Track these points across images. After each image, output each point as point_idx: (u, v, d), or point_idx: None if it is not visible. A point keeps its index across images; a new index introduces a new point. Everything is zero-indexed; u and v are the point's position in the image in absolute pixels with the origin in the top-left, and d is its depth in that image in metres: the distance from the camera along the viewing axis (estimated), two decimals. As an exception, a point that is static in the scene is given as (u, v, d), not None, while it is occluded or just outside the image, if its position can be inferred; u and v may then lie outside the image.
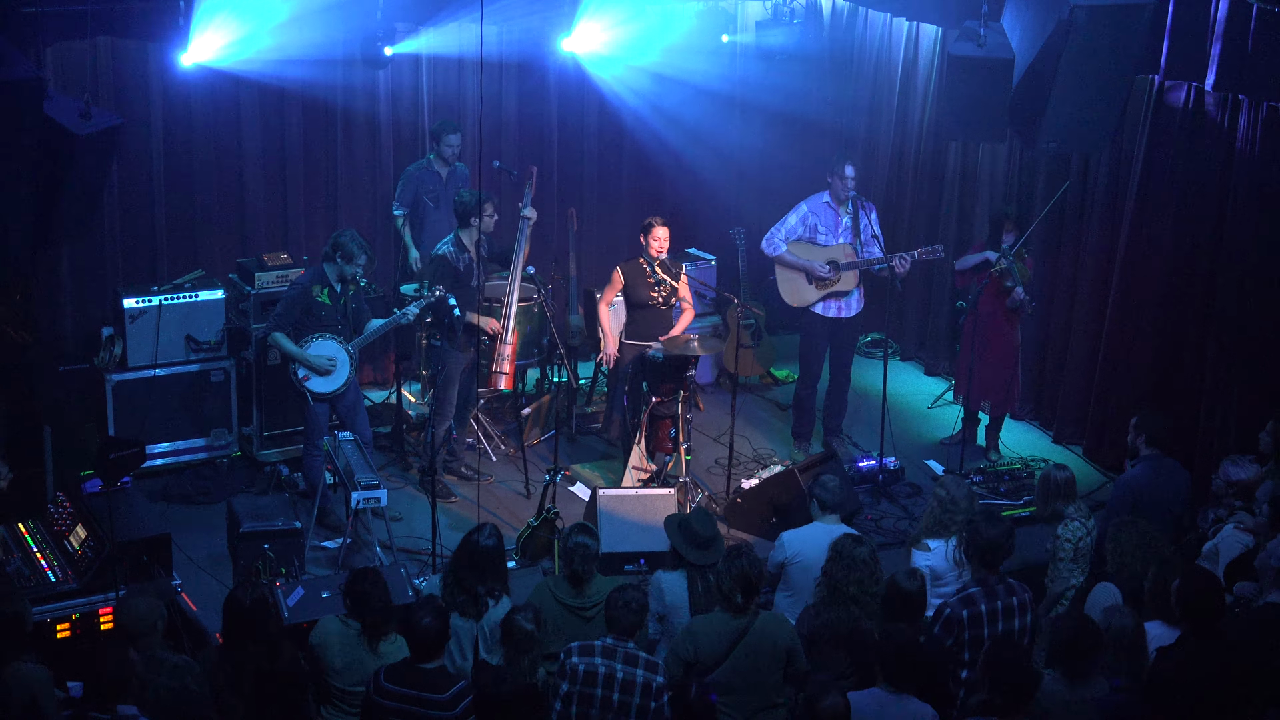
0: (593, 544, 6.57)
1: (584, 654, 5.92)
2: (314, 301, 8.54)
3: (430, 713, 5.62)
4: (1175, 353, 9.12)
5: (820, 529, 7.12)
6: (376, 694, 5.72)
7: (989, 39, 8.15)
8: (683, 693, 5.74)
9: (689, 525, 6.90)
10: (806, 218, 9.52)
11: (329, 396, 8.60)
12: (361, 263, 8.56)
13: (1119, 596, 6.41)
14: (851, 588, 6.36)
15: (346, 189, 10.51)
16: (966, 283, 9.83)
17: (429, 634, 5.75)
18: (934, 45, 10.96)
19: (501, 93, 10.92)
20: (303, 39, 9.43)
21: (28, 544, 7.34)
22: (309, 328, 8.53)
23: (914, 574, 6.39)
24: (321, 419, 8.62)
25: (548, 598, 6.53)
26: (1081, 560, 7.19)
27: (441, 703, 5.62)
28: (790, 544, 7.11)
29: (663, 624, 6.82)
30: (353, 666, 6.09)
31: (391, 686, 5.70)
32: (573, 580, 6.53)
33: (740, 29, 11.79)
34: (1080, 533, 7.19)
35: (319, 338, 8.53)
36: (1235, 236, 8.53)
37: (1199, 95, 8.69)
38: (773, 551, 7.21)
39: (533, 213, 9.20)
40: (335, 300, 8.60)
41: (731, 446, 9.27)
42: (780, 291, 9.67)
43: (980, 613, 6.28)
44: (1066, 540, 7.20)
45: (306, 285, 8.57)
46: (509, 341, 9.11)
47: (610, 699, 5.86)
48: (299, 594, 7.21)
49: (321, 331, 8.54)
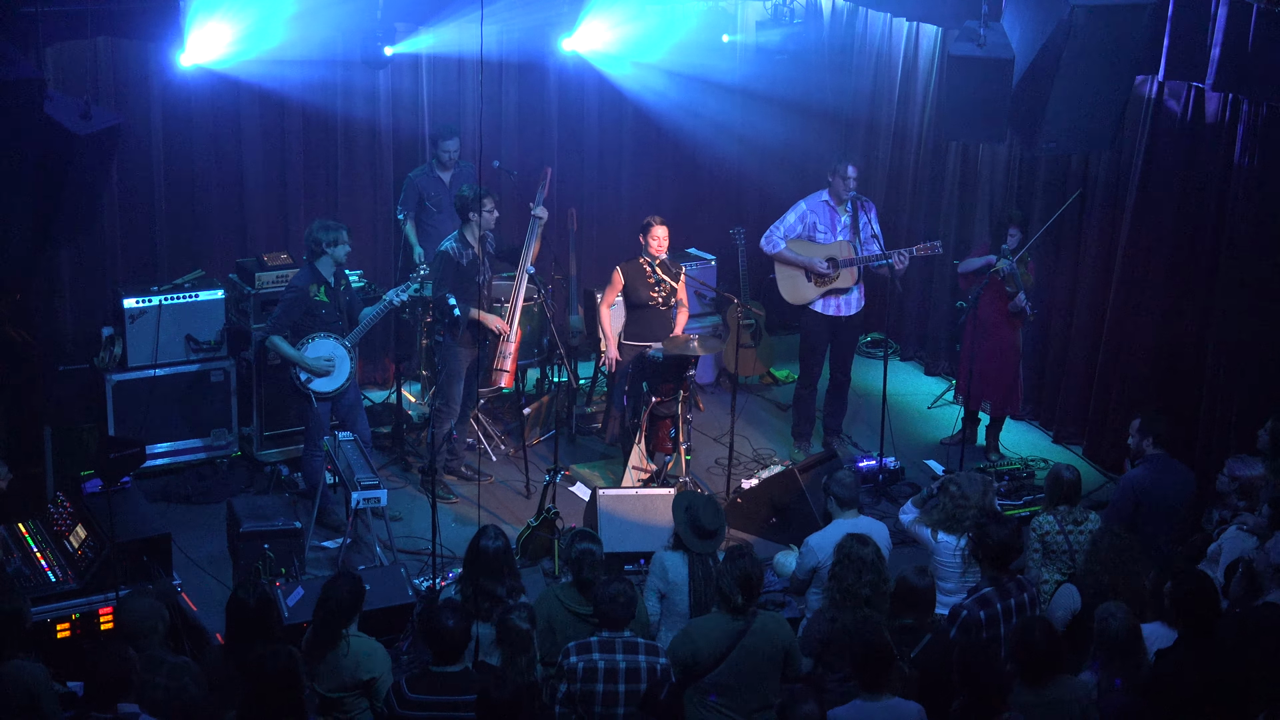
0: (597, 550, 6.56)
1: (581, 652, 5.92)
2: (313, 302, 8.55)
3: (463, 715, 5.50)
4: (1175, 353, 9.12)
5: (844, 526, 7.05)
6: (401, 705, 5.62)
7: (989, 39, 8.14)
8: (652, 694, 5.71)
9: (696, 515, 6.90)
10: (805, 216, 9.53)
11: (331, 395, 8.61)
12: (345, 238, 8.58)
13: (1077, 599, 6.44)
14: (864, 590, 6.34)
15: (346, 189, 10.51)
16: (969, 285, 9.83)
17: (453, 636, 5.70)
18: (934, 45, 10.96)
19: (501, 93, 10.92)
20: (303, 39, 9.43)
21: (28, 544, 7.34)
22: (309, 328, 8.54)
23: (923, 571, 6.39)
24: (323, 419, 8.62)
25: (556, 605, 6.51)
26: (1052, 558, 7.19)
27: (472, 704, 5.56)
28: (820, 548, 7.02)
29: (663, 602, 6.83)
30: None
31: (417, 696, 5.62)
32: (581, 588, 6.50)
33: (740, 29, 11.79)
34: (1049, 527, 7.20)
35: (316, 338, 8.54)
36: (1235, 236, 8.52)
37: (1199, 95, 8.69)
38: (800, 559, 7.17)
39: (544, 212, 9.19)
40: (333, 297, 8.61)
41: (731, 446, 9.27)
42: (780, 289, 9.68)
43: (996, 612, 6.31)
44: (1032, 530, 7.24)
45: (303, 287, 8.57)
46: (513, 339, 9.11)
47: (614, 692, 5.86)
48: (299, 594, 7.22)
49: (322, 330, 8.55)
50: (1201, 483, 8.04)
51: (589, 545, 6.56)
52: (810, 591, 7.13)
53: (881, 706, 5.58)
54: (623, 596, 5.99)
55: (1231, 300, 8.58)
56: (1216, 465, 7.83)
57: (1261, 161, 8.28)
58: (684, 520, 6.89)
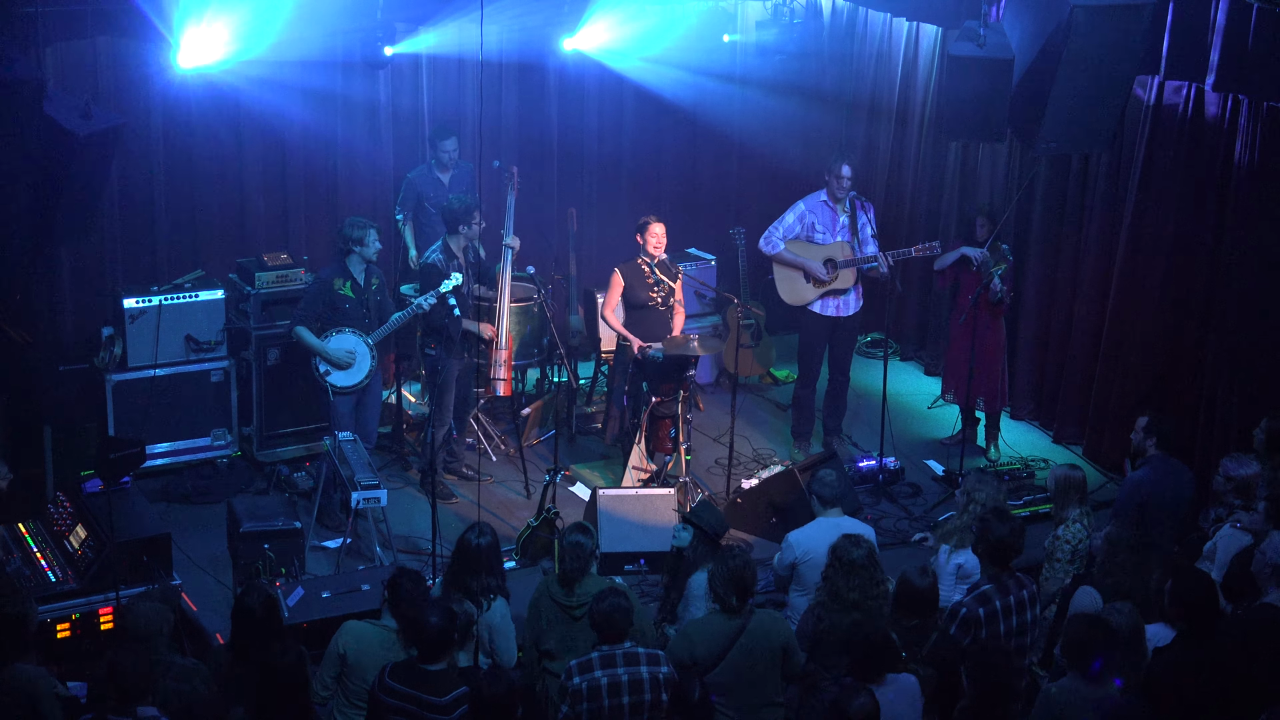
0: (588, 543, 6.54)
1: (584, 671, 5.87)
2: (336, 295, 8.58)
3: (428, 715, 5.60)
4: (1175, 353, 9.12)
5: (825, 524, 7.10)
6: (381, 691, 5.71)
7: (989, 39, 8.15)
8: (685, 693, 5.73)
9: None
10: (804, 216, 9.54)
11: (350, 390, 8.60)
12: (374, 238, 8.62)
13: (1099, 600, 6.45)
14: (853, 594, 6.34)
15: (346, 189, 10.50)
16: (947, 283, 9.86)
17: (435, 634, 5.73)
18: (934, 45, 10.96)
19: (501, 93, 10.91)
20: (303, 39, 9.41)
21: (28, 544, 7.35)
22: (332, 322, 8.55)
23: (925, 571, 6.39)
24: (344, 414, 8.60)
25: (543, 593, 6.55)
26: (1078, 562, 7.20)
27: (439, 706, 5.60)
28: (799, 544, 7.09)
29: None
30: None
31: (394, 685, 5.68)
32: (563, 580, 6.52)
33: (740, 29, 11.79)
34: (1081, 535, 7.20)
35: (339, 332, 8.55)
36: (1235, 236, 8.52)
37: (1199, 95, 8.69)
38: (780, 554, 7.20)
39: (515, 241, 9.24)
40: (359, 293, 8.63)
41: (731, 446, 9.26)
42: (778, 290, 9.68)
43: (995, 609, 6.31)
44: (1065, 542, 7.22)
45: (328, 279, 8.62)
46: (504, 347, 9.12)
47: (620, 705, 5.84)
48: (299, 594, 7.22)
49: (344, 325, 8.56)
50: (1201, 483, 8.05)
51: (580, 538, 6.54)
52: (792, 589, 7.16)
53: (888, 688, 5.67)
54: (619, 611, 5.95)
55: (1231, 300, 8.58)
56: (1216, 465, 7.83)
57: (1261, 161, 8.28)
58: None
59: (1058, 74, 7.92)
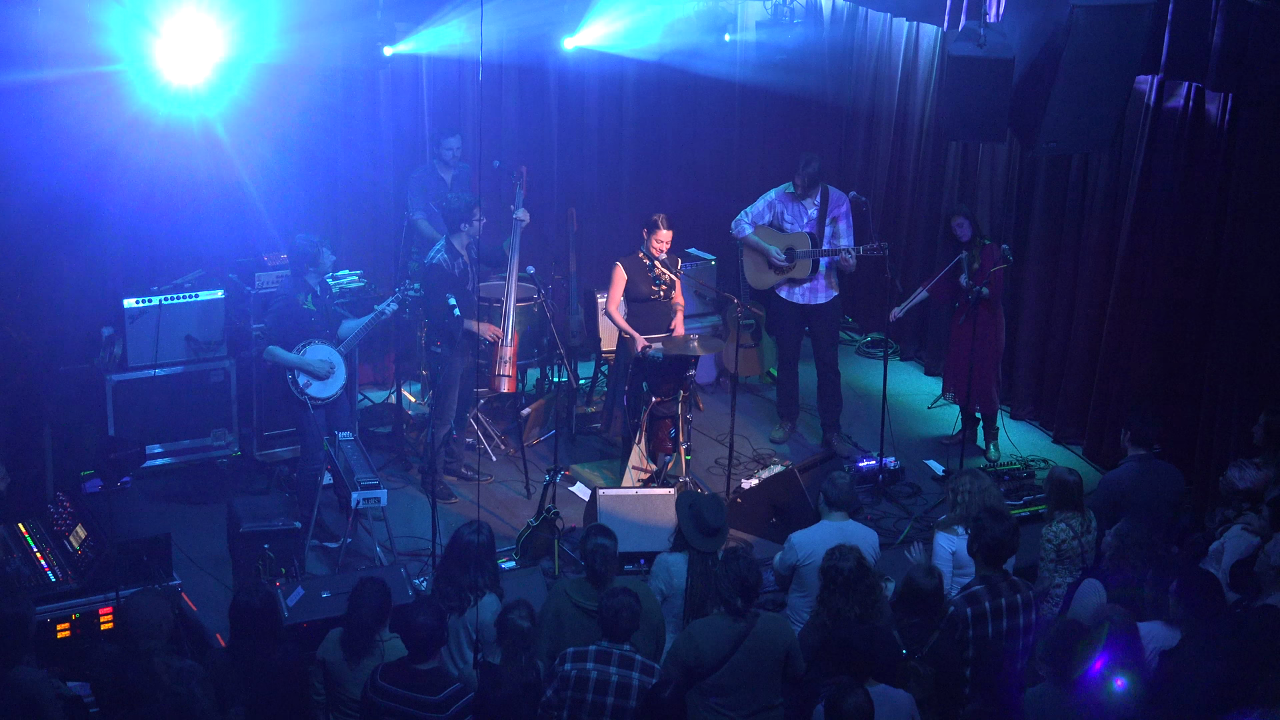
0: (611, 544, 6.56)
1: (577, 660, 5.89)
2: (303, 311, 8.54)
3: (422, 714, 5.61)
4: (1175, 353, 9.12)
5: (829, 527, 7.10)
6: (373, 692, 5.72)
7: (989, 39, 8.14)
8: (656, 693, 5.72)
9: (700, 512, 6.90)
10: (773, 204, 9.86)
11: (326, 401, 8.56)
12: (327, 255, 8.58)
13: (1103, 593, 6.44)
14: (854, 609, 6.32)
15: (346, 189, 10.50)
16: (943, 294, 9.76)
17: (423, 633, 5.74)
18: (934, 45, 10.96)
19: (502, 93, 10.91)
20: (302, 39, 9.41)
21: (28, 544, 7.34)
22: (300, 336, 8.51)
23: (931, 571, 6.39)
24: (319, 425, 8.58)
25: (564, 601, 6.50)
26: (1066, 561, 7.18)
27: (433, 704, 5.61)
28: (801, 545, 7.07)
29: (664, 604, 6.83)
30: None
31: (387, 685, 5.69)
32: (595, 581, 6.48)
33: (741, 29, 11.80)
34: (1064, 534, 7.19)
35: (310, 344, 8.51)
36: (1235, 236, 8.52)
37: (1199, 95, 8.69)
38: (782, 554, 7.19)
39: (525, 215, 9.20)
40: (321, 304, 8.61)
41: (731, 446, 9.26)
42: (744, 273, 9.98)
43: (984, 610, 6.30)
44: (1048, 541, 7.24)
45: (292, 296, 8.58)
46: (509, 344, 9.12)
47: (602, 703, 5.83)
48: (299, 594, 7.21)
49: (311, 339, 8.52)
50: (1204, 482, 8.04)
51: (603, 540, 6.56)
52: (792, 590, 7.15)
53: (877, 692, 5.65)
54: (627, 610, 5.96)
55: (1231, 301, 8.58)
56: (1217, 465, 7.83)
57: (1261, 161, 8.28)
58: (688, 517, 6.89)
59: (1058, 74, 7.91)
